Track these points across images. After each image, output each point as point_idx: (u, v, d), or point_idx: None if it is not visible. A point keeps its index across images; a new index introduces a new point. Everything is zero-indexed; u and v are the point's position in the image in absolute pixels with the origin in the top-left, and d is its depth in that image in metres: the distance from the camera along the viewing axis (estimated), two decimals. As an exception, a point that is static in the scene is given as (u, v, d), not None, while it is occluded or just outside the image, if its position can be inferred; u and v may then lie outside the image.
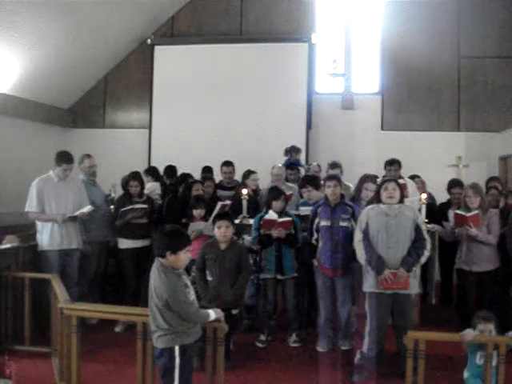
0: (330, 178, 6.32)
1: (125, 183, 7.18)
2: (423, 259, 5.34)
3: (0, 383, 4.60)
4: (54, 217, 6.48)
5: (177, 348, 3.86)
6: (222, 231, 5.59)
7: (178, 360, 3.86)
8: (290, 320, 6.46)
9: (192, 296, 3.97)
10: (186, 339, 3.90)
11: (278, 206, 6.36)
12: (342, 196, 6.22)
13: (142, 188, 7.28)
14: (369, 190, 6.60)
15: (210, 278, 5.61)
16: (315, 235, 6.15)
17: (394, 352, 5.46)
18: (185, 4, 11.87)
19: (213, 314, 4.12)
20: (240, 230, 6.83)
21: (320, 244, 6.10)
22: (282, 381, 5.38)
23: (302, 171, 8.95)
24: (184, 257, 3.91)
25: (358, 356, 5.51)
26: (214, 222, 5.80)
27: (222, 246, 5.62)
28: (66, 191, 6.63)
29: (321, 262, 6.08)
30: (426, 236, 5.38)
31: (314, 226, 6.14)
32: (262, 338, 6.38)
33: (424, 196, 6.83)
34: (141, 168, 8.35)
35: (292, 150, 9.22)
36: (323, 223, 6.06)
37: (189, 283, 3.99)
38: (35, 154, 10.32)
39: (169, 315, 3.85)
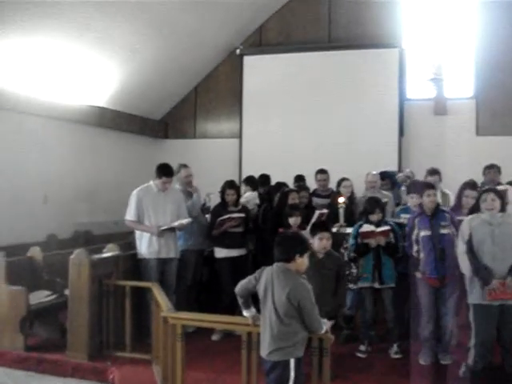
0: (427, 186, 6.13)
1: (222, 192, 7.22)
2: None
3: (104, 389, 4.70)
4: (149, 229, 6.60)
5: (292, 361, 3.85)
6: (323, 243, 5.51)
7: (292, 373, 3.85)
8: (389, 330, 6.34)
9: None
10: (299, 351, 3.89)
11: (374, 218, 6.27)
12: (438, 204, 6.06)
13: (238, 196, 7.30)
14: (469, 198, 6.39)
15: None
16: (415, 247, 5.99)
17: (499, 365, 5.26)
18: (273, 13, 11.94)
19: (323, 325, 4.08)
20: (337, 239, 6.77)
21: (422, 255, 5.93)
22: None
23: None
24: (307, 260, 4.07)
25: (462, 369, 5.35)
26: (311, 230, 5.75)
27: (320, 255, 5.57)
28: (166, 202, 6.75)
29: (426, 273, 5.91)
30: None
31: (414, 238, 5.98)
32: (362, 348, 6.29)
33: (526, 202, 6.55)
34: (233, 177, 8.40)
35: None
36: (423, 233, 5.90)
37: None
38: (130, 164, 10.64)
39: (291, 324, 3.86)
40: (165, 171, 6.72)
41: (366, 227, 6.20)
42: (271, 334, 3.91)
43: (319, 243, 5.50)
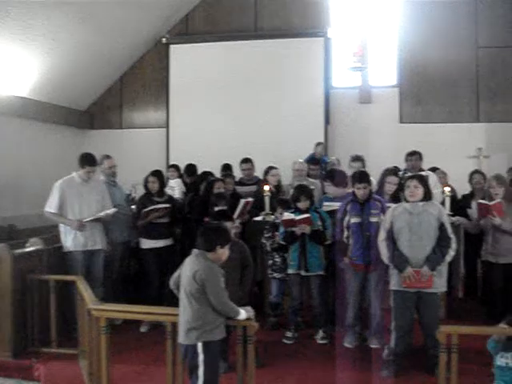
0: (358, 180, 6.06)
1: (145, 181, 7.17)
2: (448, 258, 5.27)
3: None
4: (70, 222, 6.46)
5: (200, 345, 3.92)
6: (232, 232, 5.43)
7: (201, 357, 3.92)
8: (315, 317, 6.42)
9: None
10: (209, 336, 3.94)
11: (302, 207, 6.31)
12: (370, 192, 6.14)
13: (162, 186, 7.25)
14: (391, 184, 6.57)
15: None
16: (346, 233, 6.07)
17: (422, 346, 5.43)
18: (199, 2, 11.91)
19: (243, 312, 4.13)
20: (258, 228, 6.84)
21: (351, 241, 6.02)
22: (311, 377, 5.36)
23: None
24: (228, 251, 4.21)
25: (385, 351, 5.49)
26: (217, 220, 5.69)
27: None
28: (90, 193, 6.63)
29: (353, 259, 6.01)
30: (452, 235, 5.28)
31: (345, 224, 6.05)
32: (289, 334, 6.34)
33: (447, 189, 6.75)
34: (159, 167, 8.32)
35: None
36: (353, 220, 5.98)
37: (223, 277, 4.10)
38: (55, 155, 10.42)
39: (198, 306, 3.93)
40: (88, 160, 6.61)
41: (286, 215, 6.22)
42: (183, 318, 3.99)
43: None
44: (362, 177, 6.07)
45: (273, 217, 6.80)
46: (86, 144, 11.29)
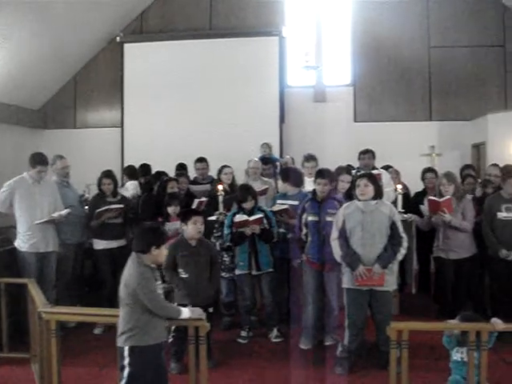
0: (320, 175, 6.08)
1: (99, 182, 7.09)
2: (399, 256, 5.32)
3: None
4: None
5: (126, 348, 3.91)
6: (198, 226, 5.45)
7: (126, 361, 3.91)
8: (269, 315, 6.45)
9: (160, 291, 4.04)
10: (137, 341, 3.91)
11: (247, 206, 6.34)
12: (330, 191, 6.17)
13: (116, 186, 7.19)
14: (345, 182, 6.62)
15: (185, 276, 5.48)
16: (304, 230, 6.10)
17: (375, 343, 5.50)
18: (154, 0, 11.78)
19: (186, 311, 4.14)
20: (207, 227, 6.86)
21: (309, 239, 6.05)
22: (265, 376, 5.38)
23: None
24: (165, 251, 4.12)
25: (339, 349, 5.55)
26: (182, 218, 5.65)
27: (193, 243, 5.52)
28: (42, 194, 6.50)
29: (309, 257, 6.05)
30: (403, 234, 5.34)
31: (303, 221, 6.08)
32: (243, 334, 6.36)
33: (399, 186, 6.85)
34: (115, 167, 8.28)
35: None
36: (311, 218, 6.01)
37: (158, 284, 4.05)
38: (5, 156, 10.20)
39: (128, 310, 3.92)
40: (39, 160, 6.48)
41: (239, 217, 6.24)
42: (119, 321, 4.00)
43: (194, 227, 5.43)
44: (325, 173, 6.11)
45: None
46: (39, 144, 11.07)
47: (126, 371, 3.91)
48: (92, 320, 5.26)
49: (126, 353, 3.91)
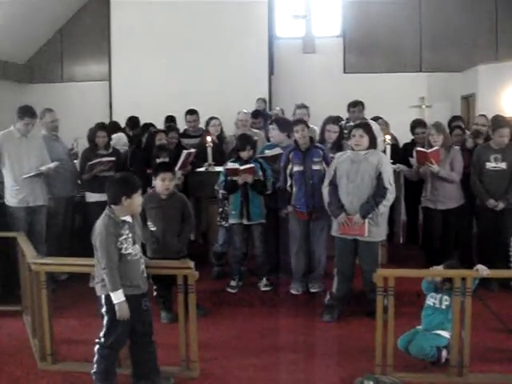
0: (297, 122, 6.21)
1: (92, 135, 7.04)
2: (382, 208, 5.28)
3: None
4: None
5: (102, 297, 3.93)
6: (166, 184, 5.37)
7: (104, 308, 3.93)
8: (258, 265, 6.51)
9: (127, 250, 3.93)
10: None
11: (244, 155, 6.33)
12: (312, 139, 6.18)
13: (109, 139, 7.16)
14: (331, 132, 6.59)
15: (153, 228, 5.47)
16: (289, 181, 6.12)
17: (362, 291, 5.57)
18: (140, -49, 11.52)
19: (117, 297, 3.86)
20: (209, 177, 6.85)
21: (294, 189, 6.08)
22: (254, 325, 5.43)
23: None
24: (139, 200, 4.03)
25: (327, 297, 5.62)
26: (154, 172, 5.59)
27: (164, 197, 5.47)
28: (29, 148, 6.42)
29: (296, 208, 6.08)
30: (388, 185, 5.28)
31: (288, 172, 6.10)
32: (233, 283, 6.41)
33: (388, 137, 6.85)
34: (103, 120, 8.19)
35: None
36: (296, 168, 6.03)
37: (129, 237, 3.96)
38: (-8, 110, 10.08)
39: (97, 260, 3.93)
40: (27, 112, 6.38)
41: (231, 165, 6.25)
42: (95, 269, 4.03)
43: (161, 184, 5.37)
44: (298, 120, 6.21)
45: (217, 168, 6.81)
46: (25, 98, 10.89)
47: (105, 319, 3.94)
48: (81, 270, 5.25)
49: (103, 301, 3.92)
